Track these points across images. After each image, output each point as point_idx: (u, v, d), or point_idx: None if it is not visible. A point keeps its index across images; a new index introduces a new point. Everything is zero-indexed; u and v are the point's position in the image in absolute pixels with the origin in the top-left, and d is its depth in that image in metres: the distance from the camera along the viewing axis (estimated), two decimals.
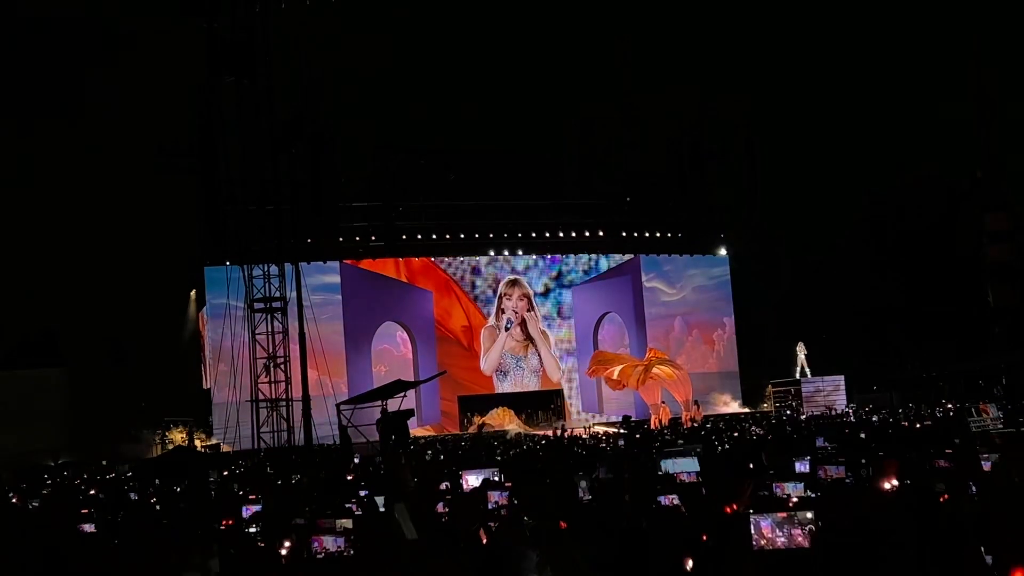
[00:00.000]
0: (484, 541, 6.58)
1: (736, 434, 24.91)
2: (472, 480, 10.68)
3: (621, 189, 45.83)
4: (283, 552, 8.09)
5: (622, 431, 31.28)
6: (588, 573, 4.49)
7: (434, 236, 43.23)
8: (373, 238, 42.46)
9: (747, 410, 43.50)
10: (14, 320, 38.05)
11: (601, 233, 45.30)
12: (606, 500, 8.23)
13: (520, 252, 44.34)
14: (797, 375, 43.93)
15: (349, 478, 16.33)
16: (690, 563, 5.25)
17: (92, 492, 18.68)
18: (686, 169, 46.17)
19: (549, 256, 44.85)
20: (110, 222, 38.05)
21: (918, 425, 16.25)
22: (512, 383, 43.73)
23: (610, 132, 45.14)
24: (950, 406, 32.11)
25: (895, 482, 8.15)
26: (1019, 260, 46.92)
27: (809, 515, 5.78)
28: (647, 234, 46.18)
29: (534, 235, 44.50)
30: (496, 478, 10.86)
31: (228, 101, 32.46)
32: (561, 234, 44.98)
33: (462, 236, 43.47)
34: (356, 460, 22.59)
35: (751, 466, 11.72)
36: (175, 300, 41.90)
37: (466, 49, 42.97)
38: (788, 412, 40.52)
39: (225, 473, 21.65)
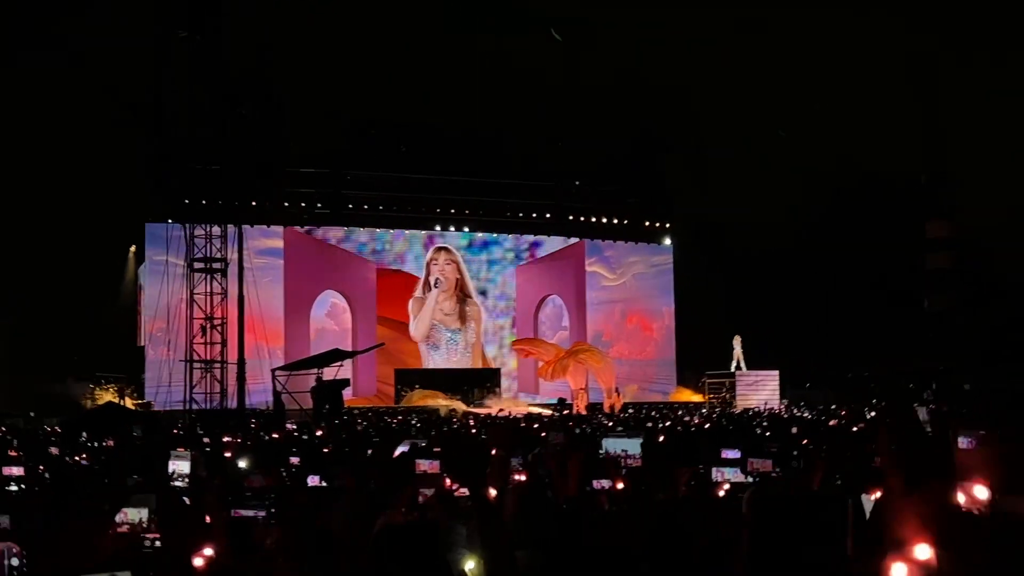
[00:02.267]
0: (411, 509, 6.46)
1: (668, 423, 24.93)
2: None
3: (570, 172, 45.74)
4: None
5: (555, 414, 31.48)
6: (521, 549, 4.41)
7: (380, 207, 42.88)
8: (319, 205, 42.02)
9: (700, 399, 43.52)
10: None
11: (548, 215, 45.28)
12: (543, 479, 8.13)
13: (466, 228, 44.21)
14: (732, 368, 44.30)
15: (276, 436, 16.21)
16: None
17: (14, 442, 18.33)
18: (636, 157, 46.10)
19: (496, 235, 44.77)
20: (51, 173, 37.29)
21: (854, 428, 16.40)
22: (445, 357, 43.55)
23: (564, 115, 45.00)
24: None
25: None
26: (956, 267, 47.75)
27: None
28: (593, 219, 46.20)
29: (481, 212, 44.34)
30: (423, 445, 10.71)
31: (179, 58, 32.12)
32: (508, 213, 44.88)
33: (409, 208, 43.19)
34: (289, 425, 22.46)
35: (687, 454, 11.73)
36: (113, 255, 41.19)
37: (422, 22, 42.71)
38: (721, 405, 40.90)
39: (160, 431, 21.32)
